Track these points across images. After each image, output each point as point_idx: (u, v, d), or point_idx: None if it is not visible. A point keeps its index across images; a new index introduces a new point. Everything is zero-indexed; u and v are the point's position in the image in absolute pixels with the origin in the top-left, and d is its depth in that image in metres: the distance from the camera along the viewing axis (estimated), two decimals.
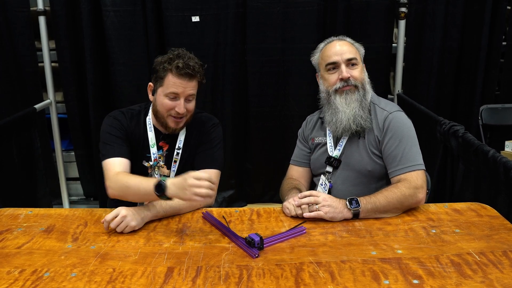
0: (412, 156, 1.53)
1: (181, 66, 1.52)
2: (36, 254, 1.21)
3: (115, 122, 1.63)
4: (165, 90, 1.56)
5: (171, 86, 1.55)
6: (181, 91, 1.55)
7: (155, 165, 1.66)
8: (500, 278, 1.08)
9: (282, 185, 1.77)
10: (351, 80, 1.59)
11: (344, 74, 1.59)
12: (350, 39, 1.68)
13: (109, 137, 1.60)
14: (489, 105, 2.92)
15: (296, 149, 1.82)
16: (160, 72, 1.57)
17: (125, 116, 1.67)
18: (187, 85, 1.55)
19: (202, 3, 2.71)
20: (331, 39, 1.69)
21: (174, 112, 1.58)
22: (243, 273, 1.12)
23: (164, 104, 1.57)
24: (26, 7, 2.75)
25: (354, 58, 1.61)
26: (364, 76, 1.63)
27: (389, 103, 1.68)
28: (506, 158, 1.63)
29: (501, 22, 2.84)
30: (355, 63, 1.61)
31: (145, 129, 1.67)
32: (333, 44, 1.65)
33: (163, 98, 1.57)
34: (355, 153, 1.62)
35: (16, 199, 2.35)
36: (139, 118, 1.69)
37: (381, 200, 1.42)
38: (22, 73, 2.83)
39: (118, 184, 1.47)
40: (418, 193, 1.46)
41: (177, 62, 1.53)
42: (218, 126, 1.71)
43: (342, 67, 1.59)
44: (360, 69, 1.63)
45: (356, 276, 1.10)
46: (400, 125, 1.57)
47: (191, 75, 1.54)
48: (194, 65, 1.54)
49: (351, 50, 1.62)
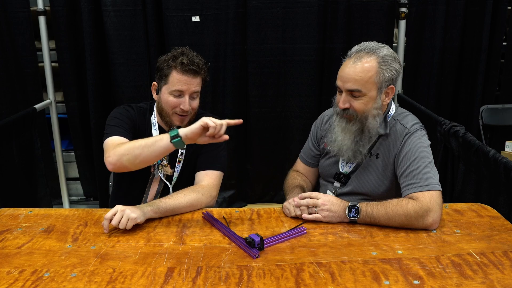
0: (427, 175, 1.40)
1: (185, 62, 1.53)
2: (36, 254, 1.21)
3: (125, 112, 1.64)
4: (169, 88, 1.57)
5: (176, 83, 1.55)
6: (186, 88, 1.55)
7: (159, 163, 1.66)
8: (500, 278, 1.08)
9: (288, 176, 1.75)
10: (350, 110, 1.46)
11: (340, 104, 1.46)
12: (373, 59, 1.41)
13: (116, 120, 1.58)
14: (490, 105, 2.92)
15: (305, 145, 1.76)
16: (164, 69, 1.57)
17: (134, 110, 1.67)
18: (191, 82, 1.56)
19: (202, 3, 2.71)
20: (352, 52, 1.46)
21: (179, 109, 1.58)
22: (243, 273, 1.12)
23: (169, 101, 1.58)
24: (26, 7, 2.74)
25: (357, 91, 1.42)
26: (368, 108, 1.44)
27: (413, 120, 1.52)
28: (507, 158, 1.63)
29: (502, 22, 2.84)
30: (359, 94, 1.43)
31: (150, 127, 1.67)
32: (347, 63, 1.45)
33: (168, 95, 1.58)
34: (368, 173, 1.54)
35: (16, 199, 2.35)
36: (145, 115, 1.69)
37: (382, 218, 1.34)
38: (22, 73, 2.83)
39: (121, 148, 1.39)
40: (427, 216, 1.32)
41: (182, 58, 1.54)
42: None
43: (342, 96, 1.46)
44: (366, 100, 1.43)
45: (356, 276, 1.10)
46: (418, 143, 1.45)
47: (196, 71, 1.55)
48: (198, 61, 1.56)
49: (358, 80, 1.41)
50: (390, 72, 1.44)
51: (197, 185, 1.57)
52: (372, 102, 1.45)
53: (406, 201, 1.36)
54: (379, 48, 1.45)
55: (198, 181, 1.60)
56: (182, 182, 1.66)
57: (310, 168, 1.74)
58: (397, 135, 1.50)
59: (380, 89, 1.44)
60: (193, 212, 1.49)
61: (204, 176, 1.60)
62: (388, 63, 1.43)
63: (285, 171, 1.83)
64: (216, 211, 1.49)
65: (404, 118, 1.53)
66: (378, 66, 1.42)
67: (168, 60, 1.56)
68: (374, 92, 1.44)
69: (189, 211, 1.49)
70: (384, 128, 1.51)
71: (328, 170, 1.65)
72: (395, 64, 1.45)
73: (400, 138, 1.48)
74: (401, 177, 1.46)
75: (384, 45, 1.48)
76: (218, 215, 1.44)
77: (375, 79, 1.42)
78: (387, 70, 1.43)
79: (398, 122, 1.52)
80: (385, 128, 1.51)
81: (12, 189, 2.32)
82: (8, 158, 2.30)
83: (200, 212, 1.49)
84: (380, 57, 1.43)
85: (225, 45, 2.80)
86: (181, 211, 1.47)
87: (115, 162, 1.40)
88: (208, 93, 2.84)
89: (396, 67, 1.45)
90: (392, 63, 1.44)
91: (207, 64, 1.61)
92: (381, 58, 1.43)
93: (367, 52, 1.44)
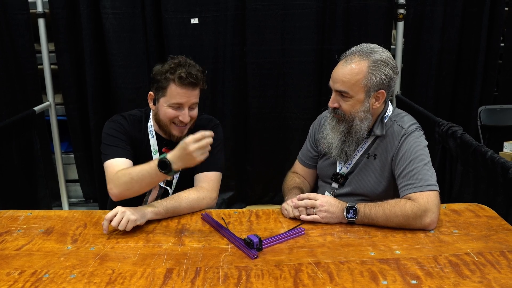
0: (424, 176, 1.40)
1: (184, 76, 1.49)
2: (36, 256, 1.22)
3: (118, 126, 1.61)
4: (168, 101, 1.53)
5: (175, 96, 1.52)
6: (186, 101, 1.53)
7: None
8: (498, 278, 1.09)
9: (286, 178, 1.75)
10: (338, 110, 1.48)
11: (329, 103, 1.49)
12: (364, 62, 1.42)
13: (112, 138, 1.58)
14: (488, 106, 2.92)
15: (304, 146, 1.77)
16: (162, 82, 1.53)
17: (127, 121, 1.64)
18: (191, 95, 1.53)
19: (201, 5, 2.72)
20: (347, 54, 1.47)
21: (178, 120, 1.55)
22: (242, 274, 1.12)
23: (168, 113, 1.55)
24: (25, 10, 2.75)
25: (345, 92, 1.44)
26: (355, 110, 1.45)
27: (410, 120, 1.53)
28: (504, 159, 1.63)
29: (499, 23, 2.85)
30: (346, 96, 1.45)
31: (147, 135, 1.65)
32: (339, 64, 1.47)
33: (166, 108, 1.54)
34: (365, 174, 1.55)
35: (16, 201, 2.35)
36: (140, 123, 1.66)
37: (380, 219, 1.35)
38: (22, 75, 2.84)
39: (120, 180, 1.44)
40: (425, 217, 1.33)
41: (180, 72, 1.50)
42: (218, 127, 1.70)
43: (332, 95, 1.49)
44: (353, 102, 1.45)
45: (354, 276, 1.10)
46: (415, 144, 1.46)
47: (194, 83, 1.52)
48: (196, 73, 1.51)
49: (346, 82, 1.43)
50: (379, 77, 1.42)
51: (197, 187, 1.57)
52: (359, 105, 1.45)
53: (404, 201, 1.36)
54: (374, 52, 1.44)
55: (198, 183, 1.60)
56: (182, 186, 1.65)
57: (309, 169, 1.75)
58: (394, 136, 1.50)
59: (368, 92, 1.44)
60: (192, 213, 1.49)
61: (203, 178, 1.60)
62: (379, 67, 1.42)
63: (285, 171, 1.83)
64: (215, 212, 1.50)
65: (401, 118, 1.53)
66: (367, 70, 1.42)
67: (166, 73, 1.52)
68: (361, 95, 1.44)
69: (190, 213, 1.49)
70: (381, 129, 1.51)
71: (326, 171, 1.66)
72: (386, 69, 1.43)
73: (398, 139, 1.49)
74: (399, 177, 1.46)
75: (381, 49, 1.47)
76: (217, 216, 1.45)
77: (362, 83, 1.42)
78: (375, 75, 1.42)
79: (395, 123, 1.52)
80: (382, 129, 1.51)
81: (12, 190, 2.33)
82: (8, 160, 2.31)
83: (199, 213, 1.49)
84: (371, 61, 1.42)
85: (224, 46, 2.81)
86: (181, 212, 1.48)
87: (117, 195, 1.46)
88: (207, 94, 2.84)
89: (387, 72, 1.43)
90: (383, 68, 1.43)
91: (204, 73, 1.56)
92: (372, 62, 1.42)
93: (359, 54, 1.44)
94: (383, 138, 1.52)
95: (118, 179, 1.45)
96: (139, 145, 1.64)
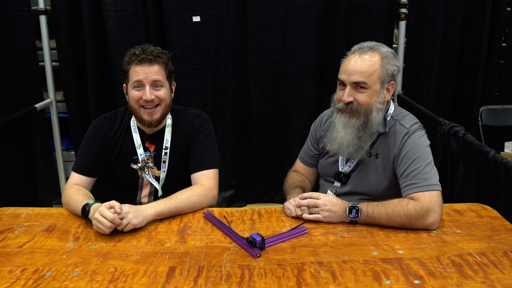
0: (427, 175, 1.41)
1: (137, 53, 1.56)
2: (38, 253, 1.22)
3: (93, 132, 1.65)
4: (130, 82, 1.59)
5: (134, 75, 1.58)
6: (144, 77, 1.56)
7: (144, 166, 1.65)
8: (500, 278, 1.09)
9: (287, 176, 1.75)
10: (354, 104, 1.47)
11: (345, 98, 1.47)
12: (376, 54, 1.47)
13: (82, 147, 1.65)
14: (489, 106, 2.92)
15: (305, 145, 1.77)
16: (125, 68, 1.61)
17: (109, 121, 1.68)
18: (148, 71, 1.56)
19: (203, 3, 2.71)
20: (354, 49, 1.50)
21: (143, 101, 1.58)
22: (244, 273, 1.12)
23: (133, 96, 1.59)
24: (27, 7, 2.74)
25: (363, 82, 1.44)
26: (373, 101, 1.47)
27: (412, 120, 1.54)
28: (506, 159, 1.63)
29: (501, 23, 2.85)
30: (363, 86, 1.45)
31: (129, 131, 1.66)
32: (350, 58, 1.48)
33: (131, 91, 1.60)
34: (367, 173, 1.55)
35: (16, 198, 2.35)
36: (122, 119, 1.69)
37: (382, 218, 1.35)
38: (23, 72, 2.83)
39: (65, 197, 1.53)
40: (428, 216, 1.33)
41: (134, 51, 1.58)
42: (207, 122, 1.69)
43: (346, 89, 1.47)
44: (370, 93, 1.46)
45: (357, 276, 1.10)
46: (418, 143, 1.46)
47: (150, 59, 1.56)
48: (152, 50, 1.58)
49: (364, 72, 1.44)
50: (391, 68, 1.48)
51: (198, 185, 1.57)
52: (376, 96, 1.47)
53: (406, 201, 1.36)
54: (379, 46, 1.50)
55: (196, 182, 1.60)
56: (171, 182, 1.66)
57: (310, 168, 1.75)
58: (396, 135, 1.50)
59: (383, 83, 1.48)
60: (194, 212, 1.49)
61: (201, 177, 1.60)
62: (390, 59, 1.48)
63: (286, 170, 1.83)
64: (217, 210, 1.50)
65: (403, 118, 1.54)
66: (381, 61, 1.47)
67: (127, 59, 1.60)
68: (377, 86, 1.47)
69: (191, 212, 1.49)
70: (384, 126, 1.52)
71: (327, 169, 1.65)
72: (395, 61, 1.50)
73: (400, 138, 1.49)
74: (401, 177, 1.46)
75: (382, 44, 1.52)
76: (219, 215, 1.45)
77: (379, 73, 1.46)
78: (389, 66, 1.47)
79: (397, 122, 1.52)
80: (384, 126, 1.52)
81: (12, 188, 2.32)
82: (8, 157, 2.30)
83: (201, 212, 1.49)
84: (382, 53, 1.48)
85: (225, 45, 2.80)
86: (184, 211, 1.47)
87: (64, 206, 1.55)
88: (208, 93, 2.84)
89: (396, 64, 1.50)
90: (392, 60, 1.49)
91: (166, 53, 1.62)
92: (383, 54, 1.48)
93: (369, 48, 1.49)
94: (385, 136, 1.52)
95: (64, 196, 1.54)
96: (120, 142, 1.66)
